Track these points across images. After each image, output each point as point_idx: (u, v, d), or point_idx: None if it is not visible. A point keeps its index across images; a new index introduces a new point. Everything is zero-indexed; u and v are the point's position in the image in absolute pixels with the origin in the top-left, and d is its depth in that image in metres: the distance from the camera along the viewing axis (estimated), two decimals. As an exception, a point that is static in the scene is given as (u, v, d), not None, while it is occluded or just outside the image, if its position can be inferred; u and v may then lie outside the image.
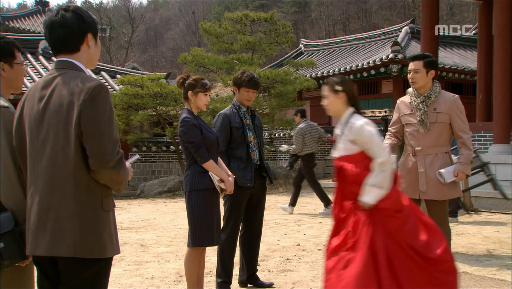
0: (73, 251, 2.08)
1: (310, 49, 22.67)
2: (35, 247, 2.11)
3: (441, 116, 4.00)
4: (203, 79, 3.88)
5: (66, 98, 2.09)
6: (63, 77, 2.14)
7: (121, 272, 5.08)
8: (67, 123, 2.07)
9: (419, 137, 4.07)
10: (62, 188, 2.10)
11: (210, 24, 16.05)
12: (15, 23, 30.10)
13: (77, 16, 2.19)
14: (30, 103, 2.19)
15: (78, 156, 2.08)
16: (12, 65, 2.45)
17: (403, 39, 17.79)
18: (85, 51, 2.24)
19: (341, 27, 43.01)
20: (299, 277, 4.83)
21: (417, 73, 4.05)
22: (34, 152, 2.15)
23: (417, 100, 4.07)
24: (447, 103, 4.02)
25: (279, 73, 14.24)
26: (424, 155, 4.05)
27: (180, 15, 53.52)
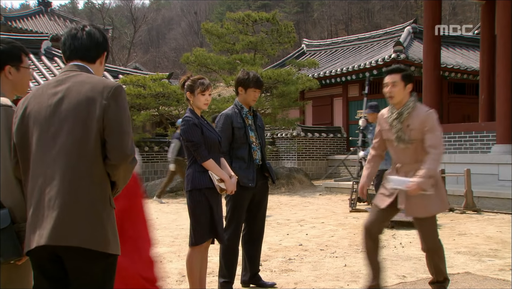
0: (78, 240, 2.10)
1: (312, 49, 22.66)
2: (40, 237, 2.10)
3: (414, 133, 3.77)
4: (201, 78, 3.88)
5: (87, 95, 2.17)
6: (81, 77, 2.24)
7: (124, 272, 5.08)
8: (87, 118, 2.15)
9: (399, 154, 3.89)
10: (75, 179, 2.13)
11: (212, 24, 16.05)
12: (18, 23, 30.15)
13: (101, 34, 2.40)
14: (37, 101, 2.22)
15: (97, 149, 2.16)
16: (19, 69, 2.50)
17: (406, 39, 17.76)
18: (97, 66, 2.40)
19: (343, 27, 42.99)
20: (301, 277, 4.83)
21: (395, 87, 3.81)
22: (43, 145, 2.17)
23: (392, 117, 3.86)
24: (420, 119, 3.77)
25: (281, 73, 14.23)
26: (405, 172, 3.83)
27: (182, 15, 53.55)
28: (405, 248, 6.09)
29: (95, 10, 41.18)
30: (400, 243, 6.33)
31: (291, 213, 9.50)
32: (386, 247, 6.18)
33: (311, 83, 14.80)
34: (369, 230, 3.95)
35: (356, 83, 18.01)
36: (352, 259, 5.56)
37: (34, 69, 15.62)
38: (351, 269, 5.07)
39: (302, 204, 10.75)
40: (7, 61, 2.46)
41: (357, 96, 18.25)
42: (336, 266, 5.25)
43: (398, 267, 5.14)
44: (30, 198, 2.18)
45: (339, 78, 17.89)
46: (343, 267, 5.17)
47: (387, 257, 5.56)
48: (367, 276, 4.05)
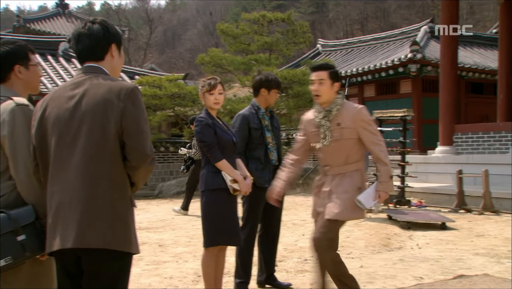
0: (103, 242, 2.13)
1: (328, 50, 22.56)
2: (64, 240, 2.13)
3: (346, 132, 3.51)
4: (210, 78, 3.93)
5: (104, 97, 2.17)
6: (97, 79, 2.24)
7: (140, 272, 5.11)
8: (105, 121, 2.16)
9: (327, 156, 3.59)
10: (96, 181, 2.15)
11: (228, 25, 16.09)
12: (36, 25, 30.53)
13: (102, 28, 2.33)
14: (55, 103, 2.25)
15: (116, 151, 2.18)
16: (28, 67, 2.54)
17: (422, 38, 17.60)
18: (109, 61, 2.36)
19: (359, 27, 42.76)
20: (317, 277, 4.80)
21: (322, 85, 3.56)
22: (62, 148, 2.19)
23: (319, 116, 3.60)
24: (351, 116, 3.53)
25: (296, 73, 14.20)
26: (333, 175, 3.57)
27: (198, 16, 53.73)
28: (422, 249, 6.03)
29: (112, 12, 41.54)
30: (417, 244, 6.27)
31: (307, 213, 9.46)
32: (403, 248, 6.14)
33: (327, 84, 14.72)
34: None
35: (372, 83, 17.89)
36: (368, 260, 5.52)
37: (52, 70, 15.80)
38: (367, 270, 5.04)
39: (318, 205, 10.71)
40: (15, 61, 2.50)
41: (373, 97, 18.14)
42: (352, 267, 5.22)
43: (415, 268, 5.09)
44: (51, 200, 2.20)
45: (355, 79, 17.79)
46: (359, 268, 5.14)
47: (403, 258, 5.52)
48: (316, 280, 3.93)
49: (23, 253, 2.23)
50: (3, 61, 2.48)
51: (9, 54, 2.49)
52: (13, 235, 2.22)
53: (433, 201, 10.05)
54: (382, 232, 7.14)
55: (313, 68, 3.68)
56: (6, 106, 2.37)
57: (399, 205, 9.29)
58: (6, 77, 2.50)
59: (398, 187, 9.67)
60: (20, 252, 2.23)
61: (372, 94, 18.25)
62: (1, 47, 2.50)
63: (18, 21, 30.13)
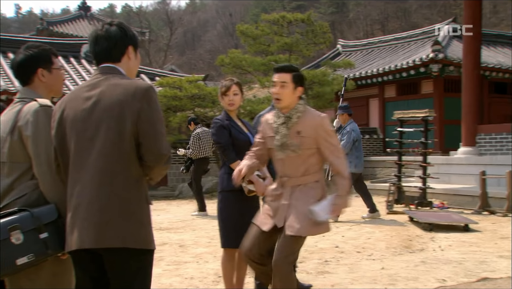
0: (121, 241, 2.15)
1: (348, 50, 22.45)
2: (82, 240, 2.15)
3: (306, 142, 3.24)
4: (227, 80, 3.99)
5: (119, 97, 2.20)
6: (113, 79, 2.27)
7: (161, 272, 5.15)
8: (121, 121, 2.18)
9: (285, 165, 3.30)
10: (113, 181, 2.18)
11: (247, 26, 16.11)
12: (59, 27, 30.99)
13: (120, 30, 2.36)
14: (73, 104, 2.28)
15: (132, 151, 2.20)
16: (50, 70, 2.59)
17: (444, 38, 17.40)
18: (125, 62, 2.38)
19: (379, 27, 42.42)
20: (338, 279, 4.79)
21: (284, 88, 3.27)
22: (81, 149, 2.22)
23: (278, 122, 3.30)
24: (313, 125, 3.26)
25: (316, 74, 14.18)
26: (292, 186, 3.28)
27: (218, 17, 53.90)
28: (444, 251, 5.96)
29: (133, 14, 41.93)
30: (439, 246, 6.20)
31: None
32: (425, 250, 6.07)
33: (347, 84, 14.66)
34: (248, 256, 3.37)
35: (392, 83, 17.74)
36: (389, 261, 5.47)
37: (75, 72, 16.02)
38: (389, 272, 5.00)
39: (338, 206, 10.65)
40: (38, 64, 2.55)
41: (394, 97, 17.99)
42: (373, 268, 5.18)
43: (437, 270, 5.03)
44: (70, 200, 2.23)
45: (375, 79, 17.66)
46: (380, 270, 5.09)
47: (425, 260, 5.46)
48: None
49: (45, 250, 2.27)
50: (27, 64, 2.55)
51: (32, 58, 2.55)
52: (36, 232, 2.26)
53: (456, 202, 9.91)
54: (404, 233, 7.07)
55: (276, 69, 3.37)
56: (30, 107, 2.42)
57: (420, 207, 9.19)
58: (30, 80, 2.56)
59: (419, 188, 9.57)
60: (42, 250, 2.27)
61: (393, 94, 18.10)
62: (25, 51, 2.57)
63: (42, 24, 30.62)
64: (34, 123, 2.38)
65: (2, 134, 2.46)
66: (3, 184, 2.41)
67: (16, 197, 2.37)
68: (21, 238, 2.23)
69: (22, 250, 2.23)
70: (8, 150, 2.43)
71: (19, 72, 2.58)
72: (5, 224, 2.23)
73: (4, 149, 2.44)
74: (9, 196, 2.39)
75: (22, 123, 2.40)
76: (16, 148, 2.41)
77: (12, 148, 2.42)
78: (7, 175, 2.42)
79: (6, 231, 2.22)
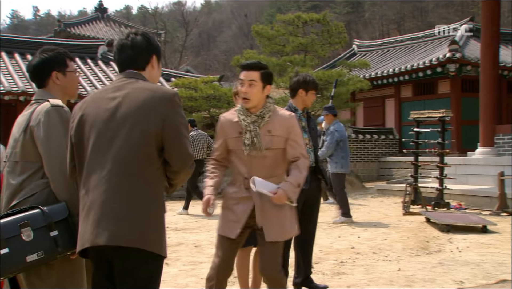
0: (137, 242, 2.15)
1: (364, 50, 22.32)
2: (96, 236, 2.15)
3: (276, 141, 3.13)
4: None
5: (145, 101, 2.23)
6: (138, 83, 2.31)
7: (177, 272, 5.17)
8: (146, 124, 2.20)
9: (252, 166, 3.13)
10: (131, 183, 2.19)
11: (262, 27, 16.12)
12: (76, 29, 31.33)
13: (145, 39, 2.42)
14: (95, 105, 2.30)
15: (153, 154, 2.22)
16: (65, 73, 2.63)
17: (462, 37, 17.22)
18: (149, 71, 2.43)
19: (395, 26, 42.13)
20: (354, 280, 4.76)
21: (252, 87, 3.11)
22: (100, 148, 2.23)
23: (247, 120, 3.15)
24: (283, 125, 3.16)
25: (332, 74, 14.12)
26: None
27: (233, 18, 54.02)
28: (462, 252, 5.89)
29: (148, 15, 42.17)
30: (456, 248, 6.14)
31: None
32: (442, 251, 6.02)
33: (362, 84, 14.60)
34: (225, 275, 3.23)
35: (409, 83, 17.60)
36: (406, 263, 5.43)
37: (91, 73, 16.17)
38: (406, 274, 4.96)
39: (354, 207, 10.59)
40: (53, 67, 2.60)
41: (410, 97, 17.84)
42: (390, 270, 5.15)
43: (455, 272, 4.98)
44: (84, 198, 2.24)
45: (391, 79, 17.54)
46: (397, 271, 5.06)
47: (443, 262, 5.41)
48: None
49: (55, 248, 2.29)
50: (42, 67, 2.59)
51: (47, 61, 2.59)
52: (46, 230, 2.29)
53: (473, 203, 9.81)
54: (420, 234, 7.02)
55: (243, 67, 3.20)
56: (42, 107, 2.47)
57: (437, 207, 9.11)
58: (45, 83, 2.61)
59: (436, 189, 9.49)
60: (52, 247, 2.29)
61: (409, 94, 17.96)
62: (40, 54, 2.61)
63: (59, 25, 31.00)
64: (45, 124, 2.41)
65: (16, 134, 2.51)
66: (15, 182, 2.45)
67: (26, 195, 2.40)
68: (32, 235, 2.26)
69: (32, 247, 2.25)
70: (20, 150, 2.46)
71: (34, 75, 2.63)
72: (16, 220, 2.26)
73: (17, 149, 2.47)
74: (20, 195, 2.42)
75: (33, 124, 2.44)
76: (27, 147, 2.44)
77: (24, 147, 2.45)
78: (19, 174, 2.45)
79: (17, 228, 2.25)
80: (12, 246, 2.22)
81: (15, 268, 2.25)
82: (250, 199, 3.12)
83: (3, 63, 15.27)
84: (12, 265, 2.23)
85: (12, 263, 2.22)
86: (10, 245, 2.22)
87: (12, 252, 2.21)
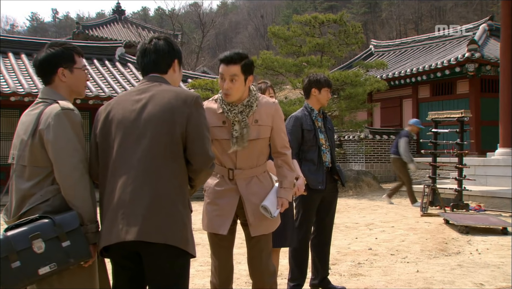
0: (164, 238, 2.18)
1: (381, 50, 22.19)
2: (126, 233, 2.18)
3: (263, 130, 3.02)
4: (260, 82, 4.09)
5: (171, 102, 2.29)
6: (163, 86, 2.38)
7: (194, 273, 5.19)
8: (171, 124, 2.26)
9: (238, 158, 3.01)
10: (159, 181, 2.23)
11: (279, 28, 16.11)
12: (94, 31, 31.65)
13: (167, 44, 2.48)
14: (121, 106, 2.35)
15: (179, 153, 2.28)
16: (72, 70, 2.50)
17: (481, 37, 17.00)
18: (171, 75, 2.49)
19: (413, 26, 41.79)
20: (372, 282, 4.73)
21: (234, 82, 2.94)
22: (126, 147, 2.27)
23: (233, 110, 2.99)
24: (269, 113, 3.05)
25: (348, 75, 14.05)
26: (244, 179, 3.02)
27: (249, 19, 54.10)
28: (482, 254, 5.81)
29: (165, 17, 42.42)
30: (476, 249, 6.06)
31: (360, 216, 9.34)
32: (461, 253, 5.94)
33: (379, 85, 14.50)
34: (226, 277, 3.15)
35: (427, 83, 17.44)
36: (424, 264, 5.38)
37: (109, 74, 16.32)
38: (424, 275, 4.91)
39: (371, 208, 10.53)
40: (59, 63, 2.47)
41: (428, 98, 17.67)
42: (408, 271, 5.10)
43: (475, 274, 4.91)
44: (110, 196, 2.26)
45: (409, 79, 17.40)
46: (415, 273, 5.01)
47: (462, 264, 5.34)
48: None
49: (67, 259, 2.23)
50: (47, 63, 2.46)
51: (53, 57, 2.46)
52: (58, 241, 2.22)
53: (493, 204, 9.67)
54: (439, 236, 6.94)
55: (222, 60, 2.97)
56: (51, 110, 2.35)
57: (456, 209, 9.01)
58: (51, 79, 2.48)
59: (455, 190, 9.38)
60: (64, 259, 2.22)
61: (427, 95, 17.79)
62: (47, 49, 2.49)
63: (78, 27, 31.35)
64: (55, 128, 2.31)
65: (23, 137, 2.39)
66: (24, 187, 2.35)
67: (38, 202, 2.31)
68: (43, 247, 2.20)
69: (44, 259, 2.19)
70: (29, 154, 2.35)
71: (40, 71, 2.50)
72: (27, 232, 2.19)
73: (25, 152, 2.36)
74: (30, 201, 2.32)
75: (43, 127, 2.33)
76: (37, 152, 2.34)
77: (32, 151, 2.35)
78: (27, 178, 2.35)
79: (28, 240, 2.18)
80: (24, 258, 2.16)
81: (27, 281, 2.19)
82: (235, 191, 3.01)
83: (9, 64, 15.41)
84: (25, 278, 2.17)
85: (24, 276, 2.16)
86: (22, 258, 2.16)
87: (24, 265, 2.16)
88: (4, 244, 2.16)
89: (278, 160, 3.13)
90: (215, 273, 3.14)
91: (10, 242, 2.16)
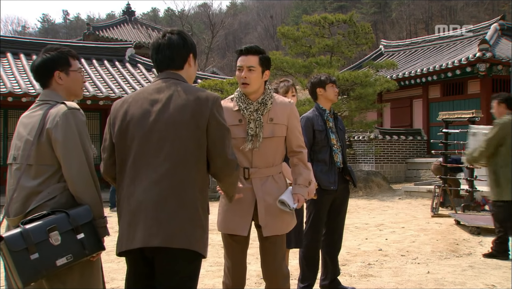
0: (188, 243, 2.19)
1: (391, 50, 22.08)
2: (150, 237, 2.17)
3: (278, 129, 3.03)
4: (283, 81, 4.06)
5: (191, 103, 2.26)
6: (180, 86, 2.33)
7: (204, 273, 5.20)
8: (192, 126, 2.24)
9: (253, 156, 3.01)
10: (181, 185, 2.22)
11: (288, 28, 16.09)
12: (104, 32, 31.80)
13: (182, 38, 2.43)
14: (138, 105, 2.31)
15: (200, 156, 2.27)
16: (68, 73, 2.59)
17: (492, 36, 16.85)
18: (186, 70, 2.45)
19: (423, 26, 41.56)
20: (382, 283, 4.71)
21: (252, 72, 3.00)
22: (148, 150, 2.25)
23: (249, 108, 3.02)
24: (285, 112, 3.06)
25: (358, 75, 14.00)
26: (260, 178, 3.01)
27: (258, 19, 54.11)
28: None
29: (175, 17, 42.56)
30: (488, 251, 6.01)
31: (370, 217, 9.31)
32: (472, 254, 5.90)
33: (389, 85, 14.44)
34: (240, 278, 3.17)
35: (437, 84, 17.33)
36: (435, 266, 5.35)
37: (119, 75, 16.41)
38: (435, 277, 4.88)
39: (381, 208, 10.49)
40: (55, 67, 2.56)
41: (439, 98, 17.57)
42: (419, 272, 5.08)
43: (486, 275, 4.88)
44: (130, 198, 2.25)
45: (419, 79, 17.30)
46: (426, 274, 4.98)
47: (473, 265, 5.31)
48: None
49: (83, 251, 2.32)
50: (44, 67, 2.56)
51: (49, 61, 2.55)
52: (73, 233, 2.31)
53: (505, 206, 9.57)
54: (450, 237, 6.90)
55: (241, 52, 3.06)
56: (58, 110, 2.43)
57: (467, 210, 8.95)
58: (48, 82, 2.57)
59: (466, 190, 9.31)
60: (80, 250, 2.31)
61: (437, 95, 17.69)
62: (43, 54, 2.58)
63: (88, 29, 31.52)
64: (63, 126, 2.38)
65: (28, 138, 2.44)
66: (30, 185, 2.40)
67: (45, 199, 2.37)
68: (60, 239, 2.27)
69: (61, 251, 2.27)
70: (35, 153, 2.41)
71: (38, 75, 2.59)
72: (44, 225, 2.26)
73: (32, 152, 2.41)
74: (37, 198, 2.38)
75: (50, 126, 2.39)
76: (43, 150, 2.40)
77: (39, 150, 2.41)
78: (33, 177, 2.41)
79: (45, 232, 2.25)
80: (42, 250, 2.23)
81: (45, 272, 2.25)
82: (251, 191, 3.00)
83: (8, 64, 15.50)
84: (43, 269, 2.23)
85: (43, 267, 2.23)
86: (40, 249, 2.23)
87: (42, 256, 2.23)
88: (24, 236, 2.22)
89: (294, 158, 3.14)
90: (228, 274, 3.14)
91: (29, 234, 2.23)
